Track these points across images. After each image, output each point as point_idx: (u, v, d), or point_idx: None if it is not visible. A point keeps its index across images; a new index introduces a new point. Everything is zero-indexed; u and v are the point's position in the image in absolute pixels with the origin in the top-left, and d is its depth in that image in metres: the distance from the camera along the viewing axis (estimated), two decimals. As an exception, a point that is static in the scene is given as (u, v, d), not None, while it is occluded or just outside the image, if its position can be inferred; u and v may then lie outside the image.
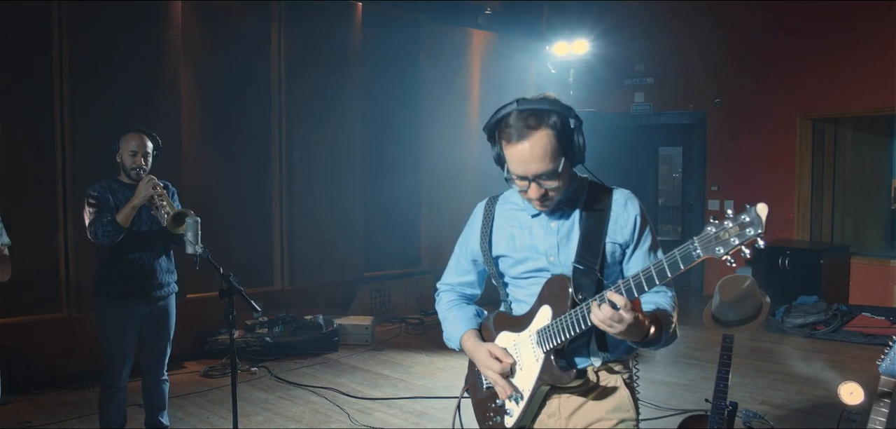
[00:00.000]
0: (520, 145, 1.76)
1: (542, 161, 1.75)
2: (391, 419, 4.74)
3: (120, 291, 3.68)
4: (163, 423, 4.02)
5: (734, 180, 8.98)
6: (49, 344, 5.18)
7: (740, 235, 1.50)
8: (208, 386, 5.41)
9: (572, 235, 1.90)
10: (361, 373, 5.89)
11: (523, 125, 1.75)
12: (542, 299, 1.91)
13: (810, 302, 7.10)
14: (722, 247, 1.52)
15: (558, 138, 1.76)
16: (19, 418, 4.62)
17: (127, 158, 3.69)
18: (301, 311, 6.99)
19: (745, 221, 1.50)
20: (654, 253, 1.93)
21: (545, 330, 1.86)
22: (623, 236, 1.90)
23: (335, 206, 7.28)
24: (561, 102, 1.79)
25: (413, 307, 8.29)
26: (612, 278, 1.90)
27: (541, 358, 1.88)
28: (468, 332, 2.06)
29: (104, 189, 3.67)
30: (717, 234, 1.53)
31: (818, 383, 5.38)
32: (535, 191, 1.80)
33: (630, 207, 1.92)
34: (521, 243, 1.96)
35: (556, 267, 1.90)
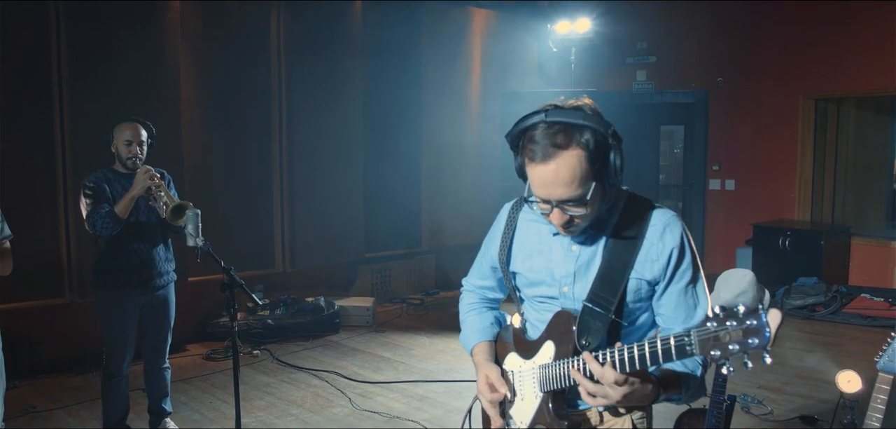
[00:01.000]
0: (544, 167, 1.53)
1: (569, 186, 1.53)
2: (392, 403, 4.78)
3: (119, 281, 3.70)
4: (165, 409, 4.06)
5: (736, 160, 8.95)
6: (52, 329, 5.21)
7: (742, 343, 1.29)
8: (211, 369, 5.45)
9: (593, 264, 1.68)
10: (363, 355, 5.93)
11: (549, 143, 1.52)
12: (548, 333, 1.74)
13: (810, 284, 7.12)
14: (719, 350, 1.31)
15: (590, 160, 1.52)
16: (24, 403, 4.66)
17: (122, 147, 3.68)
18: (302, 293, 7.02)
19: (751, 326, 1.28)
20: (693, 289, 1.67)
21: (546, 368, 1.71)
22: (653, 272, 1.65)
23: (336, 188, 7.28)
24: (597, 115, 1.56)
25: (414, 288, 8.32)
26: (636, 317, 1.72)
27: (539, 396, 1.74)
28: (480, 343, 1.94)
29: (100, 179, 3.67)
30: (716, 334, 1.32)
31: (817, 368, 5.41)
32: (559, 217, 1.59)
33: (668, 238, 1.65)
34: (538, 264, 1.78)
35: (569, 300, 1.71)
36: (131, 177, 3.67)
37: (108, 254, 3.69)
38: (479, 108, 8.90)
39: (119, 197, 3.63)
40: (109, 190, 3.65)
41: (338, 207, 7.33)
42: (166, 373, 4.04)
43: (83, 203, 3.64)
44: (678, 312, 1.68)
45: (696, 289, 1.69)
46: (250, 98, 6.72)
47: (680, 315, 1.68)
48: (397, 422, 4.43)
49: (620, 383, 1.49)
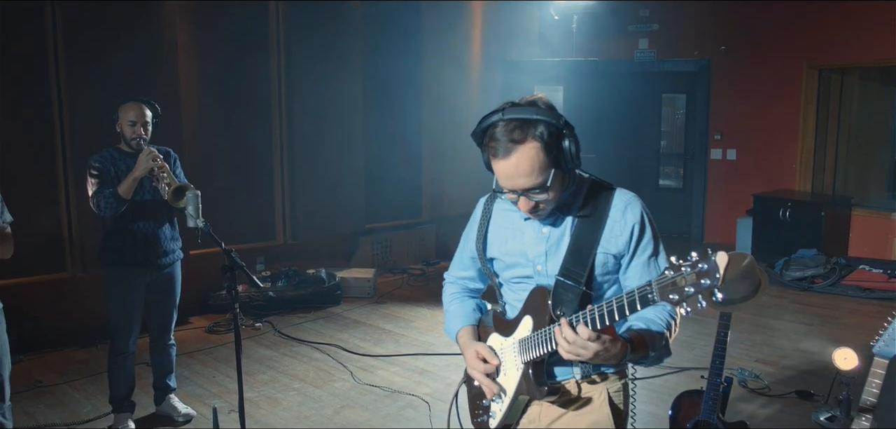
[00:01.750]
0: (506, 161, 1.69)
1: (529, 176, 1.68)
2: (393, 377, 4.83)
3: (125, 260, 3.72)
4: (170, 385, 4.12)
5: (737, 129, 8.92)
6: (55, 304, 5.25)
7: (696, 284, 1.44)
8: (213, 343, 5.51)
9: (562, 243, 1.84)
10: (364, 328, 5.98)
11: (508, 139, 1.67)
12: (525, 309, 1.88)
13: (809, 255, 7.15)
14: (677, 294, 1.46)
15: (546, 149, 1.67)
16: (31, 377, 4.72)
17: (126, 127, 3.67)
18: (304, 264, 7.05)
19: (703, 269, 1.44)
20: (654, 260, 1.84)
21: (525, 341, 1.85)
22: (617, 247, 1.82)
23: (336, 158, 7.28)
24: (551, 108, 1.71)
25: (415, 258, 8.36)
26: (604, 289, 1.86)
27: (520, 368, 1.88)
28: (464, 327, 2.06)
29: (105, 159, 3.67)
30: (674, 280, 1.47)
31: (814, 341, 5.45)
32: (525, 204, 1.75)
33: (629, 215, 1.82)
34: (513, 248, 1.92)
35: (542, 277, 1.86)
36: (136, 157, 3.67)
37: (114, 233, 3.71)
38: (480, 77, 8.84)
39: (124, 177, 3.63)
40: (114, 170, 3.65)
41: (338, 179, 7.33)
42: (171, 350, 4.09)
43: (89, 183, 3.64)
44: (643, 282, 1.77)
45: (657, 260, 1.85)
46: (250, 70, 6.68)
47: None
48: (398, 397, 4.49)
49: (593, 340, 1.63)
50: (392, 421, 4.14)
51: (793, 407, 4.26)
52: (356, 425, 4.08)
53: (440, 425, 4.06)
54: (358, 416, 4.21)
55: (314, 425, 4.08)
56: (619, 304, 1.60)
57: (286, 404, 4.37)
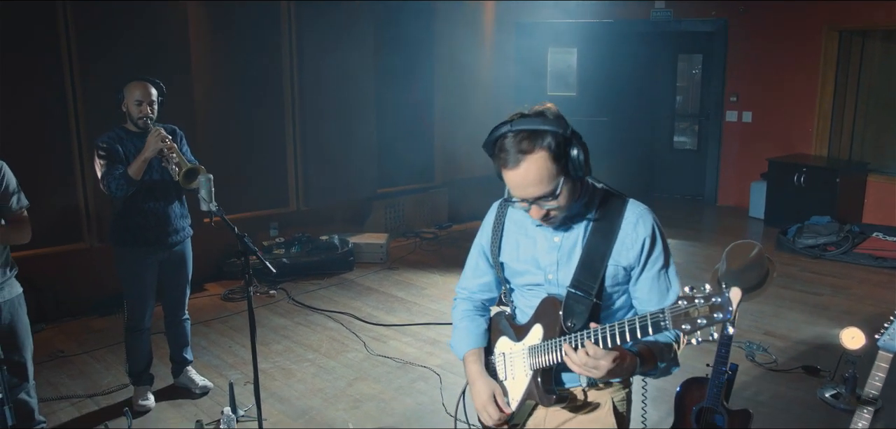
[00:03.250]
0: (515, 171, 1.71)
1: (539, 185, 1.70)
2: (405, 347, 4.92)
3: (136, 239, 3.78)
4: (187, 358, 4.22)
5: (754, 91, 8.80)
6: (73, 273, 5.36)
7: (708, 318, 1.47)
8: (229, 311, 5.61)
9: (574, 253, 1.85)
10: (377, 295, 6.06)
11: (517, 150, 1.69)
12: (536, 317, 1.91)
13: (823, 223, 7.11)
14: (689, 325, 1.49)
15: (554, 158, 1.69)
16: (52, 346, 4.85)
17: (132, 107, 3.68)
18: (317, 230, 7.12)
19: (716, 303, 1.47)
20: (664, 273, 1.85)
21: (535, 349, 1.88)
22: (628, 259, 1.83)
23: (348, 124, 7.28)
24: (558, 118, 1.72)
25: (427, 222, 8.41)
26: (614, 300, 1.88)
27: (528, 375, 1.91)
28: (472, 351, 2.07)
29: (112, 140, 3.69)
30: (686, 311, 1.49)
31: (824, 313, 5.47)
32: (537, 212, 1.77)
33: (640, 228, 1.83)
34: (524, 255, 1.94)
35: (553, 286, 1.88)
36: (143, 136, 3.70)
37: (124, 212, 3.76)
38: (492, 39, 8.75)
39: (132, 157, 3.67)
40: (122, 150, 3.69)
41: (350, 144, 7.35)
42: (186, 324, 4.17)
43: (97, 164, 3.68)
44: (652, 294, 1.86)
45: (667, 273, 1.87)
46: (261, 38, 6.65)
47: (654, 297, 1.86)
48: (410, 368, 4.57)
49: (601, 357, 1.68)
50: (404, 394, 4.23)
51: (799, 382, 4.30)
52: (369, 398, 4.17)
53: (450, 397, 4.15)
54: (370, 388, 4.30)
55: (328, 397, 4.18)
56: (631, 326, 1.63)
57: (300, 375, 4.47)
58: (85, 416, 3.94)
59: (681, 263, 6.94)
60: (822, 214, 7.32)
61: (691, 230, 8.22)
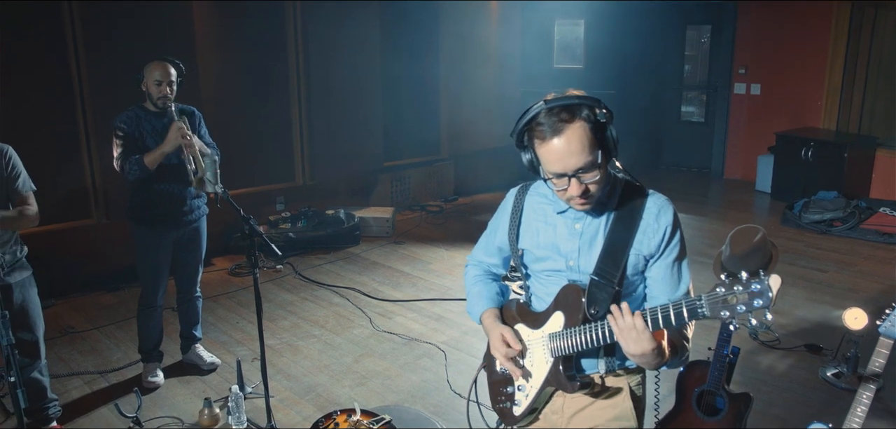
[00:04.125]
0: (555, 141, 1.68)
1: (581, 154, 1.67)
2: (411, 324, 4.96)
3: (152, 218, 3.81)
4: (196, 335, 4.27)
5: (763, 63, 8.71)
6: (82, 249, 5.42)
7: (748, 304, 1.49)
8: (236, 286, 5.66)
9: (596, 241, 1.85)
10: (382, 270, 6.10)
11: (556, 119, 1.67)
12: (556, 304, 1.90)
13: (830, 198, 7.08)
14: (728, 311, 1.51)
15: (593, 130, 1.68)
16: (62, 322, 4.92)
17: (152, 87, 3.69)
18: (323, 203, 7.15)
19: (755, 290, 1.48)
20: (678, 264, 1.86)
21: (556, 336, 1.88)
22: (649, 248, 1.84)
23: (354, 98, 7.27)
24: (589, 96, 1.72)
25: (433, 194, 8.42)
26: (633, 288, 1.89)
27: (549, 362, 1.92)
28: (488, 310, 2.09)
29: (130, 120, 3.69)
30: (725, 297, 1.51)
31: (828, 290, 5.47)
32: (577, 187, 1.72)
33: (662, 219, 1.83)
34: (545, 241, 1.93)
35: (575, 272, 1.88)
36: (162, 116, 3.73)
37: (141, 191, 3.78)
38: (499, 11, 8.67)
39: (148, 137, 3.69)
40: (139, 132, 3.69)
41: (356, 118, 7.34)
42: (198, 302, 4.22)
43: (115, 144, 3.69)
44: (663, 284, 1.87)
45: (681, 266, 1.88)
46: (266, 13, 6.62)
47: (665, 288, 1.87)
48: (415, 345, 4.62)
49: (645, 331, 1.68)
50: (409, 370, 4.28)
51: (801, 361, 4.32)
52: (374, 374, 4.22)
53: (455, 374, 4.20)
54: (376, 365, 4.36)
55: (334, 373, 4.23)
56: (665, 313, 1.65)
57: (307, 351, 4.53)
58: (95, 392, 4.01)
59: (686, 236, 6.91)
60: (829, 189, 7.29)
61: (697, 204, 8.19)
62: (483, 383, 2.21)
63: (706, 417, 2.94)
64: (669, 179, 9.57)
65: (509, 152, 9.94)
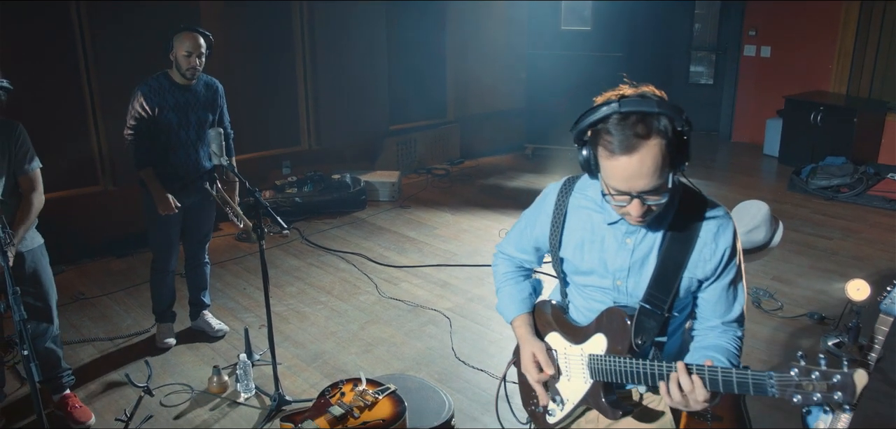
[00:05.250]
0: (627, 159, 1.48)
1: (652, 177, 1.49)
2: (416, 290, 5.01)
3: (168, 187, 3.82)
4: (204, 301, 4.33)
5: (774, 25, 8.58)
6: (91, 216, 5.46)
7: (827, 397, 1.34)
8: (243, 251, 5.71)
9: (648, 261, 1.70)
10: (388, 235, 6.13)
11: (631, 133, 1.47)
12: (599, 325, 1.76)
13: (837, 164, 7.04)
14: (801, 396, 1.37)
15: (668, 147, 1.49)
16: (73, 288, 4.99)
17: (181, 59, 3.66)
18: (329, 167, 7.16)
19: (835, 383, 1.33)
20: (734, 288, 1.71)
21: (597, 360, 1.75)
22: (704, 272, 1.68)
23: (359, 61, 7.22)
24: (667, 101, 1.53)
25: (439, 158, 8.41)
26: (679, 308, 1.75)
27: (589, 383, 1.80)
28: (521, 316, 1.98)
29: (153, 94, 3.67)
30: (799, 383, 1.37)
31: (832, 259, 5.48)
32: (638, 209, 1.55)
33: (720, 240, 1.67)
34: (591, 255, 1.76)
35: (622, 294, 1.73)
36: (186, 90, 3.74)
37: (156, 160, 3.79)
38: (506, -29, 8.54)
39: (170, 111, 3.70)
40: (158, 107, 3.68)
41: (361, 82, 7.30)
42: (206, 268, 4.27)
43: (130, 113, 3.69)
44: (718, 306, 1.73)
45: (737, 287, 1.73)
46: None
47: (719, 309, 1.74)
48: (421, 312, 4.67)
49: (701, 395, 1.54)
50: (414, 338, 4.34)
51: (803, 330, 4.35)
52: (380, 341, 4.28)
53: (459, 342, 4.25)
54: (382, 331, 4.41)
55: (341, 340, 4.30)
56: (727, 378, 1.49)
57: (314, 318, 4.59)
58: (107, 359, 4.08)
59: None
60: (837, 154, 7.24)
61: (704, 168, 8.16)
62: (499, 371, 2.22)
63: (706, 390, 2.98)
64: (677, 141, 9.51)
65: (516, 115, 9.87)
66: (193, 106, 3.81)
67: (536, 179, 7.84)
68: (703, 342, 1.74)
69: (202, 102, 3.85)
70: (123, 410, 3.24)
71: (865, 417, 3.42)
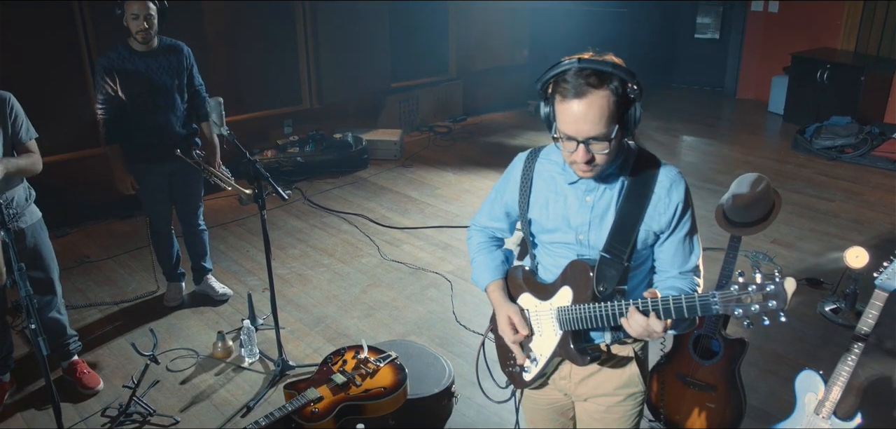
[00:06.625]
0: (575, 102, 1.64)
1: (597, 124, 1.64)
2: (418, 252, 5.05)
3: (142, 157, 3.85)
4: (206, 267, 4.37)
5: (783, -21, 8.43)
6: (93, 177, 5.47)
7: (762, 305, 1.50)
8: (246, 213, 5.73)
9: (607, 216, 1.84)
10: (391, 195, 6.15)
11: (584, 82, 1.63)
12: (564, 279, 1.89)
13: (842, 124, 6.99)
14: (741, 309, 1.53)
15: (617, 104, 1.65)
16: (78, 251, 5.04)
17: (131, 23, 3.62)
18: (331, 126, 7.14)
19: (770, 291, 1.49)
20: (689, 239, 1.87)
21: (564, 311, 1.88)
22: (659, 224, 1.83)
23: (360, 19, 7.13)
24: (625, 67, 1.67)
25: (442, 115, 8.37)
26: (641, 262, 1.89)
27: (558, 334, 1.93)
28: (494, 282, 2.09)
29: (112, 63, 3.65)
30: (739, 296, 1.53)
31: (833, 222, 5.48)
32: (583, 154, 1.70)
33: (674, 194, 1.82)
34: (555, 212, 1.90)
35: (584, 247, 1.87)
36: (148, 56, 3.70)
37: (130, 130, 3.80)
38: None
39: (134, 79, 3.68)
40: (124, 73, 3.66)
41: (363, 39, 7.22)
42: (203, 235, 4.28)
43: (97, 89, 3.71)
44: (675, 258, 1.88)
45: (692, 239, 1.89)
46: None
47: (677, 261, 1.88)
48: (422, 275, 4.71)
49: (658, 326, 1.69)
50: (416, 301, 4.39)
51: (801, 295, 4.38)
52: (382, 305, 4.34)
53: (461, 305, 4.31)
54: (384, 295, 4.47)
55: (343, 304, 4.35)
56: (678, 305, 1.65)
57: (316, 281, 4.64)
58: (114, 321, 4.15)
59: (694, 162, 6.91)
60: (843, 113, 7.18)
61: (707, 126, 8.11)
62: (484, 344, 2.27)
63: (702, 360, 3.03)
64: (681, 97, 9.43)
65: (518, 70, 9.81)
66: (156, 72, 3.75)
67: (539, 136, 7.81)
68: (663, 288, 1.88)
69: (166, 68, 3.79)
70: (131, 376, 3.31)
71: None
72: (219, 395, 3.49)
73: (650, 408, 3.17)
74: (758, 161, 6.79)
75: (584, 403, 2.09)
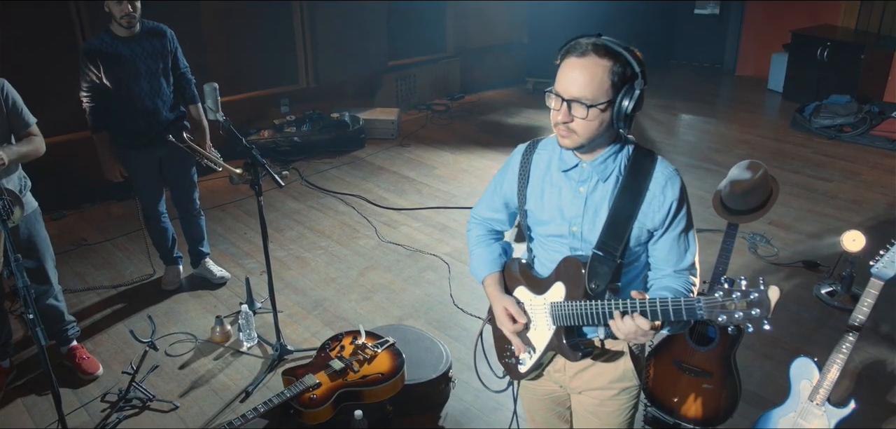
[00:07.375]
0: (576, 60, 1.67)
1: (585, 87, 1.66)
2: (415, 234, 5.05)
3: (132, 142, 3.84)
4: (203, 251, 4.37)
5: (784, -45, 8.34)
6: (89, 160, 5.42)
7: (745, 313, 1.50)
8: (243, 194, 5.72)
9: (601, 210, 1.84)
10: (388, 176, 6.13)
11: (590, 47, 1.66)
12: (557, 274, 1.91)
13: (841, 102, 6.96)
14: (725, 315, 1.52)
15: (613, 82, 1.66)
16: (75, 234, 5.03)
17: (113, 7, 3.58)
18: (328, 105, 7.11)
19: (753, 299, 1.48)
20: (684, 236, 1.86)
21: (557, 306, 1.89)
22: (653, 222, 1.82)
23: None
24: (639, 59, 1.68)
25: (439, 92, 8.33)
26: (634, 259, 1.90)
27: (552, 329, 1.94)
28: (491, 275, 2.10)
29: (94, 51, 3.62)
30: (723, 303, 1.52)
31: (831, 202, 5.48)
32: (564, 114, 1.70)
33: (668, 191, 1.80)
34: (549, 203, 1.91)
35: (577, 240, 1.88)
36: (131, 41, 3.66)
37: (118, 116, 3.79)
38: None
39: (117, 65, 3.64)
40: (107, 59, 3.63)
41: (359, 16, 7.16)
42: (199, 219, 4.28)
43: (81, 77, 3.67)
44: (671, 256, 1.88)
45: (687, 236, 1.88)
46: None
47: (672, 259, 1.88)
48: (420, 257, 4.72)
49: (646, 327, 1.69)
50: (413, 284, 4.40)
51: (797, 276, 4.40)
52: (379, 288, 4.34)
53: (458, 288, 4.32)
54: (381, 277, 4.47)
55: (341, 287, 4.36)
56: (664, 307, 1.65)
57: (314, 264, 4.64)
58: (112, 305, 4.16)
59: (692, 141, 6.89)
60: (842, 91, 7.15)
61: (707, 104, 8.08)
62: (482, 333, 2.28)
63: (697, 346, 3.04)
64: (679, 75, 9.39)
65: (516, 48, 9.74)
66: (141, 56, 3.72)
67: (537, 115, 7.78)
68: (657, 287, 1.89)
69: (150, 52, 3.75)
70: (130, 362, 3.32)
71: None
72: (217, 380, 3.50)
73: (646, 394, 3.19)
74: (756, 140, 6.78)
75: (579, 395, 2.10)
